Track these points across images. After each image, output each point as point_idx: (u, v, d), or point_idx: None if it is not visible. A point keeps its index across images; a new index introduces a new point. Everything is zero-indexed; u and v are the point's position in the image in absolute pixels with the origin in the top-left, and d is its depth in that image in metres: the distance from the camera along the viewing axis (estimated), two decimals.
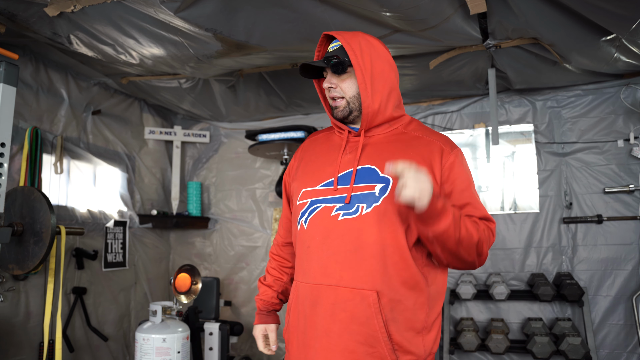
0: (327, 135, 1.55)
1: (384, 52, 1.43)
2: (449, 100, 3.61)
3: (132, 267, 3.55)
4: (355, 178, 1.34)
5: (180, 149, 4.04)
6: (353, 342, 1.27)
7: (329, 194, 1.36)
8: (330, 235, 1.32)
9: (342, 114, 1.41)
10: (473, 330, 3.15)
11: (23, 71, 2.72)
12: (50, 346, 2.56)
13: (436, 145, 1.37)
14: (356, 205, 1.31)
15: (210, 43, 2.43)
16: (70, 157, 3.04)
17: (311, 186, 1.42)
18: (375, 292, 1.26)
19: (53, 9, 2.08)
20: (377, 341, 1.26)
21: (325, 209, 1.35)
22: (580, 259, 3.21)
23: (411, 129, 1.43)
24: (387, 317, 1.27)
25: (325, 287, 1.31)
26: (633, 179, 3.13)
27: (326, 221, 1.34)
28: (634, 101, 3.14)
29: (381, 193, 1.30)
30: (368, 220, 1.29)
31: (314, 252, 1.35)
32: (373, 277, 1.27)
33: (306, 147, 1.58)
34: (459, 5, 2.09)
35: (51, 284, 2.45)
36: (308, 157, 1.53)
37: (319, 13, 2.13)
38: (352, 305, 1.27)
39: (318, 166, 1.46)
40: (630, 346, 3.01)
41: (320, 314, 1.31)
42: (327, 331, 1.29)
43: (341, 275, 1.29)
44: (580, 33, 2.29)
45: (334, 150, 1.45)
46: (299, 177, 1.49)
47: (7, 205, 2.27)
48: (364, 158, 1.37)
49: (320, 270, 1.33)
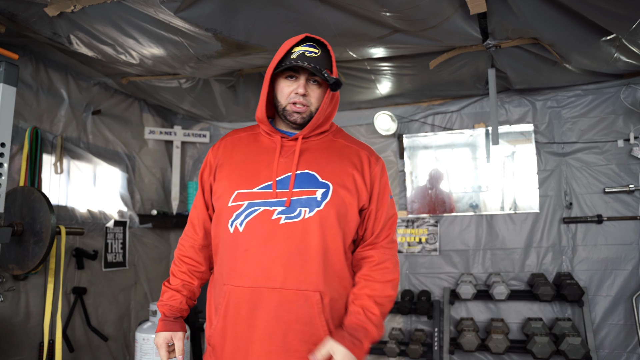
0: (252, 136, 1.52)
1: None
2: (449, 100, 3.61)
3: (132, 267, 3.55)
4: (294, 182, 1.38)
5: (180, 149, 4.04)
6: (297, 342, 1.31)
7: (268, 197, 1.37)
8: (272, 238, 1.33)
9: (303, 121, 1.42)
10: (473, 330, 3.15)
11: (23, 71, 2.72)
12: (50, 346, 2.56)
13: (364, 154, 1.48)
14: (298, 210, 1.35)
15: (210, 43, 2.43)
16: (70, 157, 3.04)
17: (247, 188, 1.39)
18: (318, 292, 1.33)
19: (53, 9, 2.08)
20: (319, 339, 1.32)
21: (265, 212, 1.35)
22: (580, 259, 3.21)
23: (339, 137, 1.52)
24: (328, 316, 1.35)
25: (268, 290, 1.32)
26: (633, 179, 3.13)
27: (267, 224, 1.34)
28: (634, 101, 3.14)
29: (323, 198, 1.36)
30: (311, 224, 1.34)
31: (254, 255, 1.34)
32: (316, 279, 1.33)
33: (229, 146, 1.52)
34: (459, 5, 2.09)
35: (51, 284, 2.45)
36: (235, 156, 1.48)
37: (319, 13, 2.13)
38: (297, 307, 1.32)
39: (251, 168, 1.43)
40: (630, 346, 3.01)
41: (262, 316, 1.32)
42: (270, 333, 1.31)
43: (285, 278, 1.32)
44: (580, 33, 2.29)
45: (267, 153, 1.44)
46: (227, 177, 1.45)
47: (7, 205, 2.27)
48: (302, 163, 1.41)
49: (263, 273, 1.32)
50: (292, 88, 1.39)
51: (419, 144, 3.68)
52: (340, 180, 1.39)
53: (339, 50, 2.58)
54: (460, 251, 3.50)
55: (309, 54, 1.37)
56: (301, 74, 1.39)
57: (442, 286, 3.51)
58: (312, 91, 1.41)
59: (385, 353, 3.32)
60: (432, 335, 3.34)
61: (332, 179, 1.39)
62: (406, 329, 3.54)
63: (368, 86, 3.29)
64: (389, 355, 3.30)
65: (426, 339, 3.38)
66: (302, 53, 1.37)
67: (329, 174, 1.39)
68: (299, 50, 1.38)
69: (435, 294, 3.53)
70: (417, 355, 3.21)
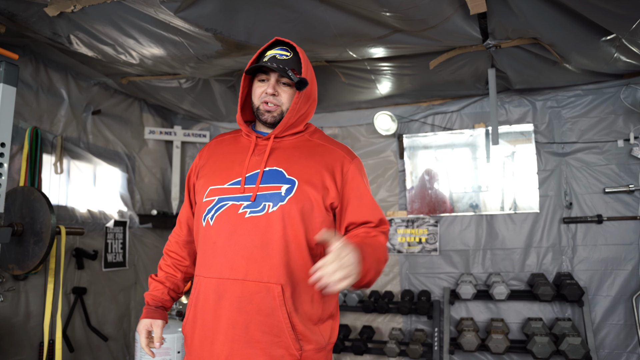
0: (234, 138, 1.61)
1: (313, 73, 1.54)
2: (449, 100, 3.61)
3: (132, 267, 3.55)
4: (261, 179, 1.42)
5: (180, 149, 4.04)
6: (259, 333, 1.34)
7: (236, 192, 1.43)
8: (237, 231, 1.38)
9: (274, 120, 1.48)
10: (473, 330, 3.15)
11: (23, 71, 2.72)
12: (50, 346, 2.56)
13: (338, 153, 1.49)
14: (263, 204, 1.39)
15: (210, 43, 2.43)
16: (70, 157, 3.04)
17: (219, 184, 1.47)
18: (280, 285, 1.35)
19: (53, 9, 2.08)
20: (281, 331, 1.34)
21: (232, 207, 1.41)
22: (580, 259, 3.21)
23: (316, 137, 1.55)
24: (290, 309, 1.36)
25: (231, 281, 1.37)
26: (633, 179, 3.13)
27: (233, 218, 1.40)
28: (634, 101, 3.14)
29: (287, 193, 1.39)
30: (274, 218, 1.37)
31: (221, 247, 1.40)
32: (278, 272, 1.35)
33: (212, 147, 1.63)
34: (459, 5, 2.09)
35: (51, 284, 2.45)
36: (215, 156, 1.58)
37: (319, 13, 2.13)
38: (259, 298, 1.35)
39: (226, 166, 1.51)
40: (630, 346, 3.01)
41: (226, 307, 1.36)
42: (233, 323, 1.35)
43: (247, 270, 1.36)
44: (580, 33, 2.29)
45: (242, 152, 1.52)
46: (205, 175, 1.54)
47: (7, 205, 2.27)
48: (272, 161, 1.46)
49: (227, 265, 1.38)
50: (263, 88, 1.47)
51: (419, 144, 3.68)
52: (307, 177, 1.41)
53: (339, 50, 2.58)
54: (460, 251, 3.50)
55: (280, 57, 1.47)
56: (271, 75, 1.47)
57: (442, 286, 3.51)
58: (283, 92, 1.47)
59: (385, 353, 3.32)
60: (432, 335, 3.34)
61: (299, 176, 1.41)
62: (406, 329, 3.54)
63: (368, 86, 3.29)
64: (389, 355, 3.30)
65: (426, 339, 3.38)
66: (273, 56, 1.47)
67: (296, 171, 1.42)
68: (271, 54, 1.48)
69: (435, 294, 3.53)
70: (417, 355, 3.21)
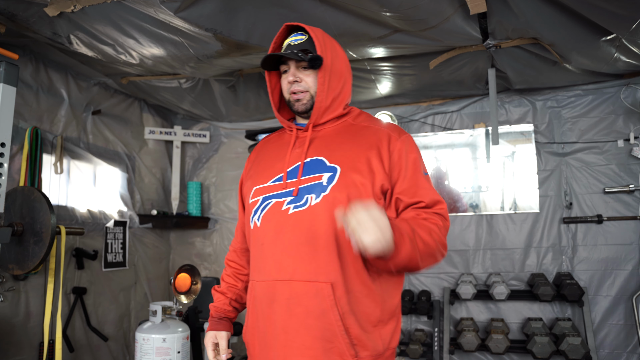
0: (279, 135, 1.55)
1: (341, 51, 1.44)
2: (449, 100, 3.61)
3: (132, 267, 3.55)
4: (302, 170, 1.33)
5: (180, 149, 4.04)
6: (310, 338, 1.23)
7: (279, 189, 1.36)
8: (282, 229, 1.30)
9: (305, 108, 1.40)
10: (473, 330, 3.15)
11: (23, 71, 2.72)
12: (50, 346, 2.55)
13: (384, 132, 1.36)
14: (305, 197, 1.29)
15: (210, 43, 2.43)
16: (70, 157, 3.04)
17: (262, 183, 1.41)
18: (330, 284, 1.22)
19: (53, 9, 2.08)
20: (334, 335, 1.22)
21: (276, 204, 1.34)
22: (580, 259, 3.21)
23: (360, 120, 1.43)
24: (344, 309, 1.22)
25: (280, 282, 1.28)
26: (633, 179, 3.13)
27: (278, 216, 1.32)
28: (634, 101, 3.14)
29: (329, 182, 1.28)
30: (318, 211, 1.26)
31: (268, 248, 1.33)
32: (327, 269, 1.24)
33: (259, 149, 1.58)
34: (459, 5, 2.09)
35: (51, 284, 2.45)
36: (260, 157, 1.53)
37: (319, 13, 2.13)
38: (307, 299, 1.24)
39: (269, 164, 1.45)
40: (630, 346, 3.01)
41: (278, 311, 1.28)
42: (284, 328, 1.26)
43: (295, 269, 1.26)
44: (580, 33, 2.29)
45: (284, 147, 1.45)
46: (251, 177, 1.48)
47: (7, 205, 2.27)
48: (312, 150, 1.37)
49: (275, 266, 1.30)
50: (288, 79, 1.39)
51: (419, 144, 3.68)
52: (350, 162, 1.29)
53: None
54: (460, 251, 3.50)
55: (294, 42, 1.38)
56: (290, 64, 1.39)
57: (442, 286, 3.51)
58: (305, 75, 1.38)
59: None
60: (432, 335, 3.34)
61: (341, 162, 1.30)
62: (406, 329, 3.54)
63: (368, 86, 3.29)
64: None
65: (426, 339, 3.38)
66: (288, 44, 1.39)
67: (338, 157, 1.32)
68: (287, 42, 1.40)
69: (435, 294, 3.53)
70: (417, 355, 3.21)
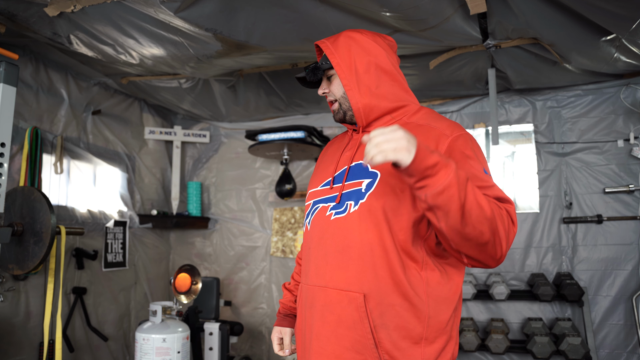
0: (342, 136, 1.54)
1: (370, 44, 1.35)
2: (449, 100, 3.61)
3: (132, 267, 3.55)
4: (347, 175, 1.31)
5: (180, 149, 4.04)
6: (340, 347, 1.21)
7: (326, 194, 1.35)
8: (324, 235, 1.30)
9: (339, 117, 1.41)
10: (473, 330, 3.15)
11: (23, 71, 2.72)
12: (50, 346, 2.56)
13: (436, 131, 1.25)
14: (345, 204, 1.27)
15: (210, 43, 2.43)
16: (70, 157, 3.04)
17: (315, 187, 1.42)
18: (362, 294, 1.19)
19: (53, 9, 2.08)
20: (365, 347, 1.18)
21: (322, 209, 1.34)
22: (580, 259, 3.21)
23: (416, 119, 1.33)
24: (376, 322, 1.18)
25: (318, 288, 1.29)
26: (633, 179, 3.13)
27: (322, 221, 1.32)
28: (634, 101, 3.14)
29: (367, 189, 1.24)
30: (353, 219, 1.24)
31: (313, 253, 1.34)
32: (360, 279, 1.21)
33: (324, 150, 1.59)
34: (459, 5, 2.09)
35: (51, 284, 2.45)
36: (321, 159, 1.55)
37: (319, 13, 2.13)
38: (340, 308, 1.22)
39: (323, 167, 1.47)
40: (630, 346, 3.01)
41: (314, 316, 1.28)
42: (318, 334, 1.26)
43: (331, 276, 1.26)
44: (580, 33, 2.29)
45: (339, 150, 1.45)
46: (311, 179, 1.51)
47: (7, 205, 2.27)
48: (359, 154, 1.32)
49: (315, 271, 1.31)
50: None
51: None
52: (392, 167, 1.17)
53: None
54: None
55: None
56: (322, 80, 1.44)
57: None
58: (329, 85, 1.41)
59: None
60: None
61: (383, 167, 1.23)
62: None
63: None
64: None
65: None
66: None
67: None
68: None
69: None
70: None
